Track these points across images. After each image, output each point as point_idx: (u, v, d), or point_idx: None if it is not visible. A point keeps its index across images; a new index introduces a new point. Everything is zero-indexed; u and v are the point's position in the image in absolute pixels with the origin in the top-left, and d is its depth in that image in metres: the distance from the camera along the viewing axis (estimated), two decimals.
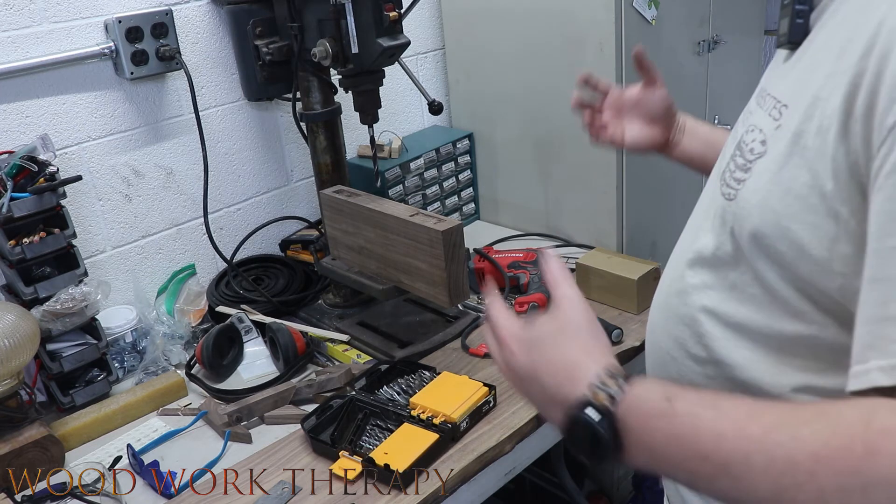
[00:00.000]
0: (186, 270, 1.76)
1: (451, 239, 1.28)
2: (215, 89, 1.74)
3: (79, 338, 1.42)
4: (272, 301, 1.66)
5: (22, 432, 1.25)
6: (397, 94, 2.07)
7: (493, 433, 1.26)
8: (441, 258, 1.29)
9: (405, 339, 1.53)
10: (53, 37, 1.49)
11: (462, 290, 1.34)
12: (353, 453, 1.20)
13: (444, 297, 1.34)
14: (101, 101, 1.58)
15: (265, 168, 1.88)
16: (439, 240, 1.28)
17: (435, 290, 1.35)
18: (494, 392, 1.31)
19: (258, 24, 1.63)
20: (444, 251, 1.28)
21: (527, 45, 1.84)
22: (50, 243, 1.37)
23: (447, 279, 1.31)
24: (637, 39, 1.66)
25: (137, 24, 1.54)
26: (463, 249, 1.32)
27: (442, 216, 1.33)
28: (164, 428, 1.38)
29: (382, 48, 1.39)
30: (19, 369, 1.24)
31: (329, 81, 1.59)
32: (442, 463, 1.20)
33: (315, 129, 1.61)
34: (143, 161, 1.66)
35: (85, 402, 1.42)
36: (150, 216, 1.70)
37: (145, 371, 1.52)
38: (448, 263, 1.30)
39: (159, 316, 1.64)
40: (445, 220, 1.32)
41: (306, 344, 1.51)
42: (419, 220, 1.32)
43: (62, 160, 1.52)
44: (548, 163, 1.91)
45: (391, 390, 1.37)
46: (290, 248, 1.87)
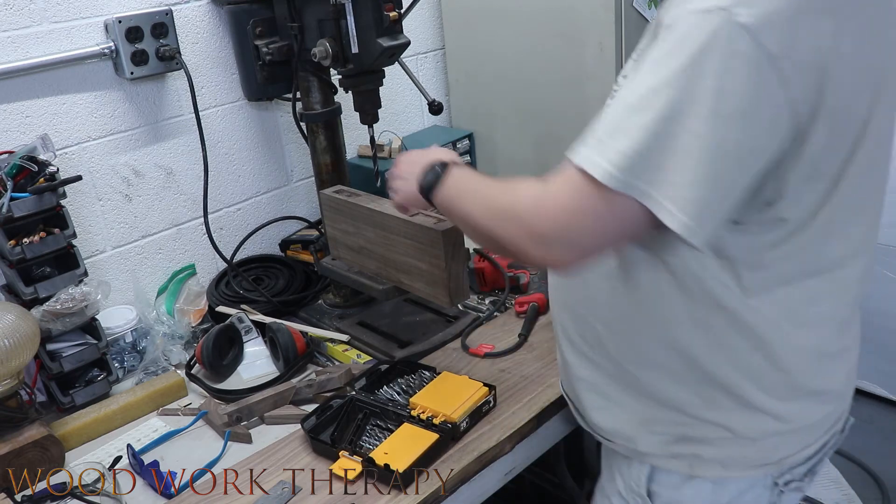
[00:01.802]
0: (186, 270, 1.76)
1: (451, 239, 1.28)
2: (215, 89, 1.74)
3: (79, 338, 1.42)
4: (272, 301, 1.66)
5: (22, 432, 1.25)
6: (397, 94, 2.07)
7: (493, 433, 1.26)
8: (441, 258, 1.29)
9: (405, 339, 1.53)
10: (53, 37, 1.49)
11: (462, 289, 1.34)
12: (353, 453, 1.20)
13: (445, 297, 1.33)
14: (101, 101, 1.58)
15: (265, 168, 1.88)
16: (440, 240, 1.27)
17: (435, 290, 1.34)
18: (494, 392, 1.31)
19: (258, 24, 1.63)
20: (444, 251, 1.28)
21: (527, 45, 1.84)
22: (50, 243, 1.37)
23: (447, 279, 1.30)
24: (637, 39, 1.65)
25: (137, 24, 1.54)
26: (463, 249, 1.32)
27: (441, 216, 1.33)
28: (164, 428, 1.38)
29: (382, 48, 1.38)
30: (19, 369, 1.24)
31: (329, 81, 1.59)
32: (442, 463, 1.20)
33: (315, 129, 1.61)
34: (143, 161, 1.66)
35: (85, 402, 1.42)
36: (150, 216, 1.70)
37: (145, 371, 1.52)
38: (448, 262, 1.29)
39: (159, 316, 1.64)
40: (445, 220, 1.31)
41: (306, 344, 1.51)
42: (420, 221, 1.31)
43: (62, 160, 1.52)
44: (547, 163, 1.90)
45: (391, 390, 1.37)
46: (290, 248, 1.87)
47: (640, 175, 0.77)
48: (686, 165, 0.75)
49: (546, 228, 0.82)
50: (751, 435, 0.99)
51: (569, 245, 0.82)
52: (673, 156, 0.75)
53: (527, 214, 0.84)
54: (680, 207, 0.76)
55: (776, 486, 1.04)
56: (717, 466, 1.01)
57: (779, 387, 0.97)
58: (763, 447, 1.00)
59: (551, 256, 0.84)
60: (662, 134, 0.76)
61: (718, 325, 0.93)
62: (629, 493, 1.10)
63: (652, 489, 1.06)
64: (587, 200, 0.80)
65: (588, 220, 0.80)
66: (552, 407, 1.31)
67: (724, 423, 0.99)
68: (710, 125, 0.74)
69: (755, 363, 0.95)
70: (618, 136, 0.78)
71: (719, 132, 0.75)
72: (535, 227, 0.83)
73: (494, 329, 1.56)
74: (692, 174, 0.75)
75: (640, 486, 1.07)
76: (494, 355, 1.47)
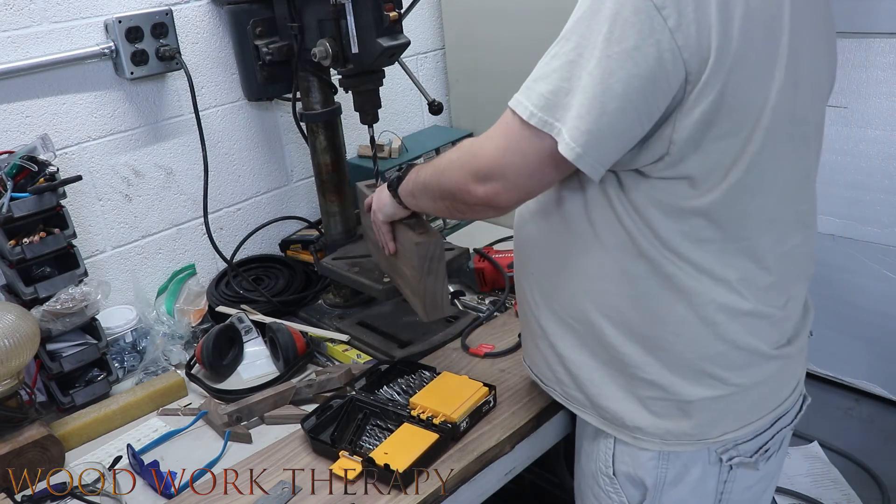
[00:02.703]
0: (186, 270, 1.76)
1: (426, 252, 1.23)
2: (215, 89, 1.74)
3: (79, 338, 1.42)
4: (272, 301, 1.66)
5: (22, 432, 1.25)
6: (397, 94, 2.07)
7: (493, 433, 1.26)
8: (416, 269, 1.24)
9: (405, 339, 1.53)
10: (53, 37, 1.49)
11: (439, 306, 1.28)
12: (353, 453, 1.20)
13: (421, 310, 1.29)
14: (101, 101, 1.58)
15: (265, 168, 1.88)
16: (415, 251, 1.23)
17: (415, 300, 1.32)
18: (494, 392, 1.31)
19: (258, 24, 1.63)
20: (418, 262, 1.23)
21: (527, 45, 1.84)
22: (50, 243, 1.37)
23: (423, 292, 1.26)
24: None
25: (137, 24, 1.54)
26: (442, 265, 1.25)
27: (430, 227, 1.28)
28: (164, 428, 1.38)
29: (382, 48, 1.38)
30: (19, 369, 1.24)
31: (329, 81, 1.59)
32: (442, 463, 1.20)
33: (315, 129, 1.61)
34: (143, 161, 1.66)
35: (85, 402, 1.42)
36: (150, 216, 1.70)
37: (145, 371, 1.53)
38: (423, 276, 1.24)
39: (159, 316, 1.64)
40: (431, 232, 1.25)
41: (306, 344, 1.51)
42: (406, 225, 1.28)
43: (62, 160, 1.52)
44: None
45: (391, 390, 1.37)
46: (290, 248, 1.87)
47: (552, 112, 0.89)
48: (581, 101, 0.87)
49: (484, 165, 0.96)
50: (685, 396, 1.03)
51: (504, 181, 0.95)
52: (574, 94, 0.88)
53: (468, 158, 1.00)
54: (573, 137, 0.88)
55: (721, 462, 1.09)
56: (658, 441, 1.06)
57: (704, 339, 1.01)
58: (700, 422, 1.05)
59: (493, 191, 0.96)
60: (568, 76, 0.88)
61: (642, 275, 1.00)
62: (598, 474, 1.15)
63: (616, 468, 1.13)
64: (515, 138, 0.93)
65: (518, 157, 0.93)
66: (552, 407, 1.31)
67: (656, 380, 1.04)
68: (602, 65, 0.86)
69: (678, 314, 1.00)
70: (540, 81, 0.91)
71: (607, 71, 0.86)
72: (475, 166, 0.97)
73: (494, 329, 1.57)
74: (585, 108, 0.87)
75: (608, 465, 1.13)
76: (494, 355, 1.47)
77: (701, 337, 1.01)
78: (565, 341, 1.11)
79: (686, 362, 1.02)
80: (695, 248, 0.97)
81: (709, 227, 0.96)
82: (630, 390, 1.06)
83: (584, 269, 1.05)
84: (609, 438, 1.12)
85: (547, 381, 1.20)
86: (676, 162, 0.92)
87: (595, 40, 0.86)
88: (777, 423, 1.11)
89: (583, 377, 1.10)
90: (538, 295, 1.13)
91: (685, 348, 1.02)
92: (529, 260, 1.15)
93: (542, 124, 0.90)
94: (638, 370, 1.04)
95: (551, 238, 1.09)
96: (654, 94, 0.87)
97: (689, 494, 1.10)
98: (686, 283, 0.98)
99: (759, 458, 1.10)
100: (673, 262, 0.98)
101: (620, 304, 1.03)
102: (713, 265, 0.98)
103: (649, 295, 1.00)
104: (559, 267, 1.08)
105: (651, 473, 1.09)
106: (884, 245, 2.34)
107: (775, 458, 1.15)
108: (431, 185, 1.10)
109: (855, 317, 2.46)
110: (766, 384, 1.07)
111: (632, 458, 1.10)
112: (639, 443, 1.08)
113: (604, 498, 1.16)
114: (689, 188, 0.94)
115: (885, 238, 2.32)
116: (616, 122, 0.87)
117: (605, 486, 1.15)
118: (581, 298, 1.06)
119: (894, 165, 2.24)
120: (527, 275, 1.16)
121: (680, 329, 1.01)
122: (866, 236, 2.35)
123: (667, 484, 1.09)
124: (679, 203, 0.95)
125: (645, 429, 1.07)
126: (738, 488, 1.12)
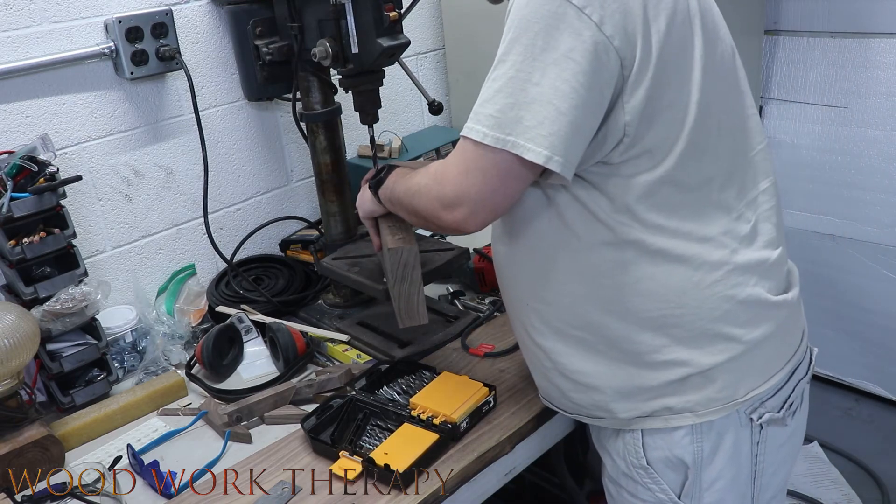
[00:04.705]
0: (186, 270, 1.76)
1: (399, 258, 1.20)
2: (215, 89, 1.74)
3: (79, 338, 1.42)
4: (272, 301, 1.66)
5: (22, 432, 1.25)
6: (397, 94, 2.07)
7: (493, 433, 1.26)
8: (388, 274, 1.23)
9: (405, 339, 1.53)
10: (53, 37, 1.49)
11: (415, 314, 1.24)
12: (353, 453, 1.20)
13: (397, 316, 1.26)
14: (101, 101, 1.58)
15: (265, 168, 1.88)
16: (387, 256, 1.21)
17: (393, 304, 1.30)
18: (494, 392, 1.31)
19: (258, 24, 1.63)
20: (390, 268, 1.21)
21: None
22: (50, 243, 1.37)
23: (397, 298, 1.24)
24: None
25: (137, 24, 1.54)
26: (417, 272, 1.22)
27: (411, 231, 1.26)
28: (164, 428, 1.38)
29: (382, 48, 1.38)
30: (19, 369, 1.24)
31: (329, 81, 1.59)
32: (442, 463, 1.20)
33: (315, 129, 1.61)
34: (143, 161, 1.66)
35: (85, 402, 1.42)
36: (150, 216, 1.70)
37: (145, 371, 1.52)
38: (396, 283, 1.22)
39: (159, 316, 1.64)
40: (408, 237, 1.23)
41: (306, 344, 1.51)
42: (388, 227, 1.26)
43: (62, 160, 1.52)
44: None
45: (391, 390, 1.37)
46: (290, 248, 1.87)
47: (505, 130, 0.94)
48: (535, 111, 0.92)
49: (448, 192, 1.00)
50: (705, 364, 1.05)
51: (470, 203, 0.98)
52: (525, 107, 0.93)
53: (434, 185, 1.03)
54: (538, 143, 0.92)
55: (752, 423, 1.10)
56: (689, 414, 1.07)
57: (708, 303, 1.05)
58: (724, 385, 1.06)
59: (461, 216, 1.00)
60: (512, 92, 0.94)
61: (632, 259, 1.03)
62: (631, 468, 1.14)
63: (648, 457, 1.12)
64: (474, 161, 0.97)
65: (479, 178, 0.97)
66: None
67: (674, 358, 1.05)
68: (545, 73, 0.92)
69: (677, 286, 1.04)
70: (486, 105, 0.96)
71: (551, 76, 0.92)
72: (440, 194, 1.01)
73: (494, 329, 1.57)
74: (542, 114, 0.92)
75: (639, 457, 1.13)
76: (494, 355, 1.47)
77: (704, 301, 1.04)
78: (576, 357, 1.11)
79: (697, 331, 1.05)
80: (672, 216, 1.02)
81: (678, 192, 1.02)
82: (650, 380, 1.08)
83: (576, 273, 1.06)
84: (633, 431, 1.12)
85: (569, 410, 1.20)
86: (635, 141, 0.98)
87: (532, 55, 0.92)
88: (794, 376, 1.14)
89: (601, 386, 1.11)
90: (536, 320, 1.13)
91: (693, 317, 1.04)
92: (516, 288, 1.16)
93: (496, 142, 0.94)
94: (656, 355, 1.06)
95: (533, 259, 1.11)
96: (598, 86, 0.93)
97: (727, 465, 1.11)
98: (674, 251, 1.02)
99: (785, 414, 1.12)
100: (656, 235, 1.02)
101: (619, 295, 1.05)
102: (693, 227, 1.03)
103: (644, 276, 1.03)
104: (548, 282, 1.09)
105: (688, 450, 1.10)
106: (884, 245, 2.34)
107: (800, 413, 1.18)
108: (405, 203, 1.14)
109: (855, 317, 2.46)
110: (775, 336, 1.10)
111: (665, 441, 1.10)
112: (670, 423, 1.09)
113: (643, 492, 1.15)
114: (649, 161, 1.00)
115: (885, 238, 2.32)
116: (572, 119, 0.92)
117: (643, 479, 1.14)
118: (579, 303, 1.07)
119: (894, 165, 2.24)
120: (520, 304, 1.16)
121: (682, 300, 1.04)
122: (866, 236, 2.35)
123: (705, 458, 1.10)
124: (645, 177, 1.00)
125: (674, 407, 1.08)
126: (771, 448, 1.14)
